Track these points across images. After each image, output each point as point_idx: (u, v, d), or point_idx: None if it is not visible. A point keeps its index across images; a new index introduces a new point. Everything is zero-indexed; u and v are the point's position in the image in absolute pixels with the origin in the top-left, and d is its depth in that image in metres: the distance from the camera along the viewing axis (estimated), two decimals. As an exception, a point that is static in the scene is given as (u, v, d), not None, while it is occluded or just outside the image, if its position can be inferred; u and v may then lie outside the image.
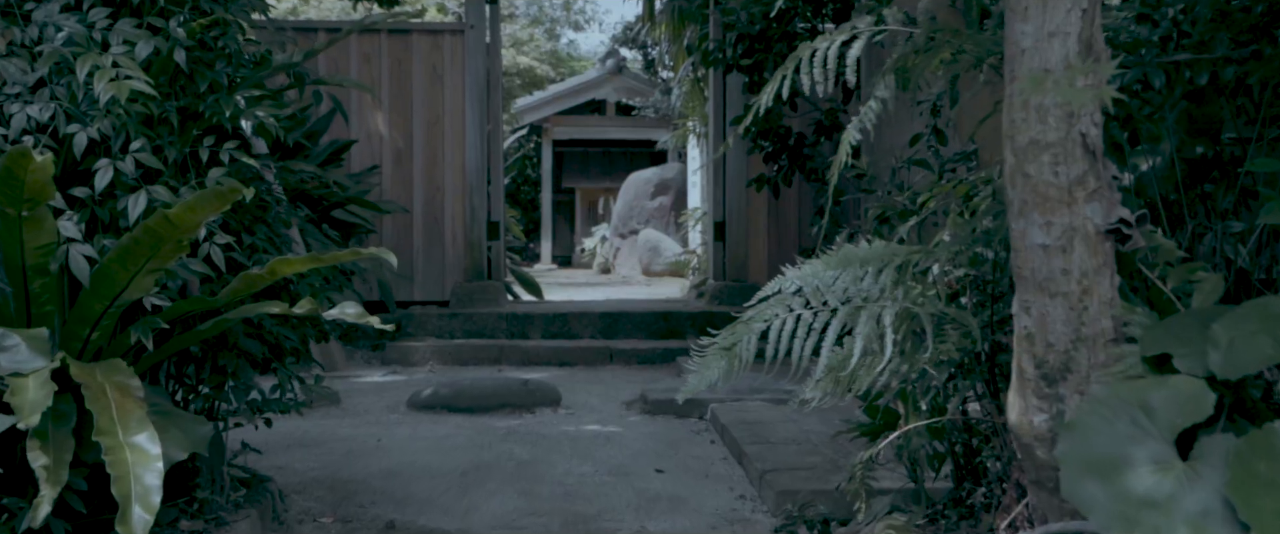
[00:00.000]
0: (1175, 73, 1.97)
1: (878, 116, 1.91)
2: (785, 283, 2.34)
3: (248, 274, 2.36)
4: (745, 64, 6.70)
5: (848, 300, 2.23)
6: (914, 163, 2.80)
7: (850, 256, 2.32)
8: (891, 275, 2.20)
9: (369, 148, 7.57)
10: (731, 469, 3.92)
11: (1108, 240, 1.78)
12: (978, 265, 2.32)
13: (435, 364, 6.69)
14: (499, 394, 5.09)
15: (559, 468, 3.92)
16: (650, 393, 5.16)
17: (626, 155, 19.50)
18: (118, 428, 2.04)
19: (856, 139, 1.90)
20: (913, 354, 2.19)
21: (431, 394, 5.10)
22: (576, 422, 4.87)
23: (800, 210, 7.66)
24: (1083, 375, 1.77)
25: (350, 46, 7.54)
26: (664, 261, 14.22)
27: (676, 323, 7.22)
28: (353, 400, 5.39)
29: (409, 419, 4.93)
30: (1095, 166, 1.77)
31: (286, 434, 4.45)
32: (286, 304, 2.47)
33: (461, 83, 7.59)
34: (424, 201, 7.60)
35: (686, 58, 9.43)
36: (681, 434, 4.60)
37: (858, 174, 3.02)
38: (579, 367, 6.70)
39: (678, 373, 6.23)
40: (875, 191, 2.96)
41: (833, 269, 2.32)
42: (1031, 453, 1.84)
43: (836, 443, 3.90)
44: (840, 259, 2.33)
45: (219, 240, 2.49)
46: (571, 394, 5.54)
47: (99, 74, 2.32)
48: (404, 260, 7.59)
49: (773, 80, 2.25)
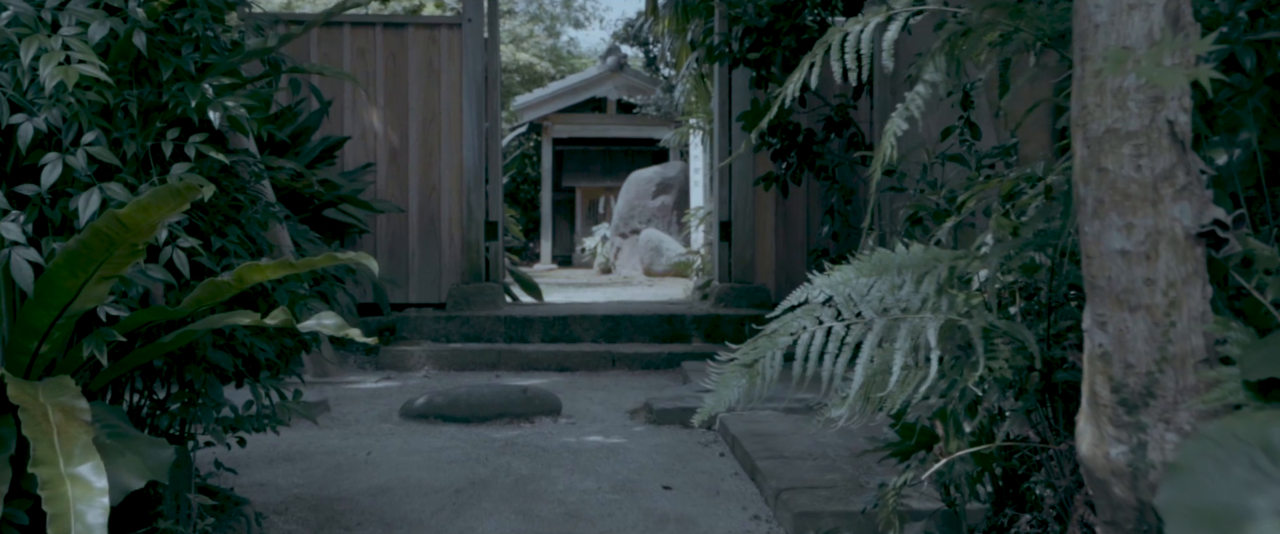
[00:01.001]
0: (1266, 53, 1.72)
1: (926, 102, 1.67)
2: (813, 291, 2.09)
3: (213, 281, 2.11)
4: (752, 58, 6.46)
5: (885, 311, 1.99)
6: (949, 158, 2.55)
7: (886, 262, 2.07)
8: (934, 283, 1.96)
9: (363, 145, 7.33)
10: (743, 486, 3.67)
11: (1199, 245, 1.53)
12: (1029, 273, 2.07)
13: (431, 369, 6.44)
14: (496, 403, 4.85)
15: (560, 484, 3.68)
16: (655, 401, 4.91)
17: (628, 154, 19.26)
18: (58, 457, 1.79)
19: (903, 128, 1.66)
20: (958, 370, 1.95)
21: (426, 403, 4.86)
22: (578, 432, 4.62)
23: (809, 210, 7.41)
24: (1169, 402, 1.53)
25: (344, 41, 7.29)
26: (666, 262, 13.97)
27: (681, 326, 6.97)
28: (343, 408, 5.14)
29: (402, 429, 4.68)
30: (1184, 159, 1.53)
31: (270, 447, 4.21)
32: (258, 314, 2.22)
33: (459, 79, 7.34)
34: (420, 201, 7.35)
35: (690, 53, 9.19)
36: (689, 446, 4.36)
37: (886, 170, 2.77)
38: (580, 372, 6.45)
39: (683, 378, 5.98)
40: (905, 189, 2.72)
41: (866, 276, 2.07)
42: (1106, 490, 1.59)
43: (858, 459, 3.65)
44: (875, 265, 2.08)
45: (183, 243, 2.24)
46: (572, 402, 5.30)
47: (46, 58, 2.07)
48: (399, 262, 7.34)
49: (800, 67, 2.00)
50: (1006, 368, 1.91)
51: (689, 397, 5.02)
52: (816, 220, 7.33)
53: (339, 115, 7.25)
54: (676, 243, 14.29)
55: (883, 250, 2.10)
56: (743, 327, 6.95)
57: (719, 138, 7.61)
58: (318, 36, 7.28)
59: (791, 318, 2.06)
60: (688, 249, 13.57)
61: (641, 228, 15.07)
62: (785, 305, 2.12)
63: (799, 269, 7.42)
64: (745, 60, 6.52)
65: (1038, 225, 2.13)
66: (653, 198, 15.24)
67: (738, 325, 6.94)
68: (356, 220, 6.90)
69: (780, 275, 7.44)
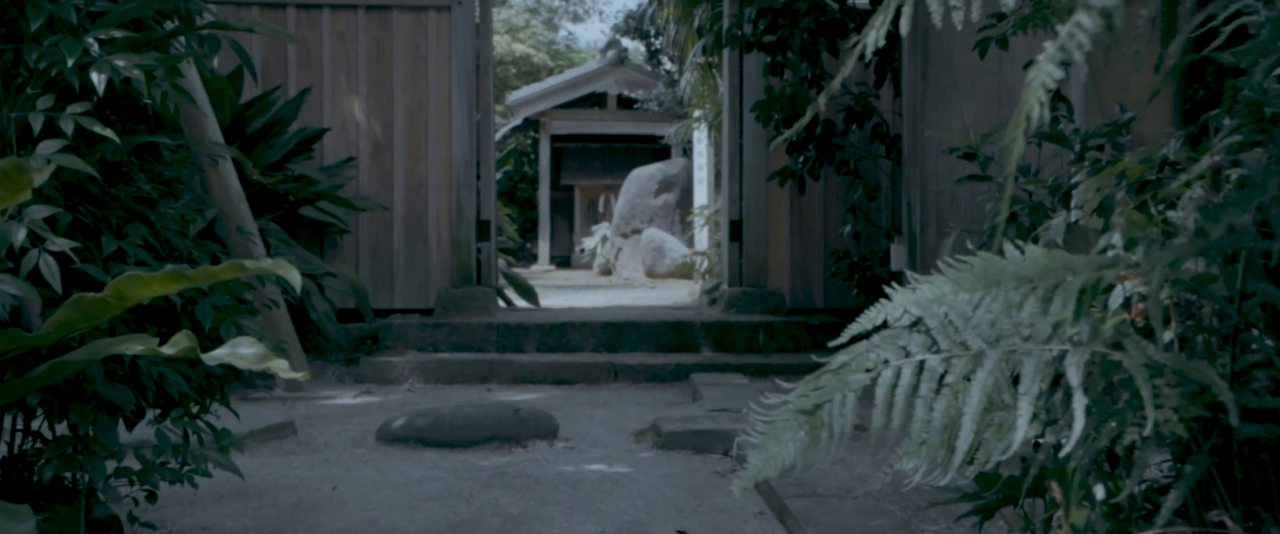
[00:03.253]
0: None
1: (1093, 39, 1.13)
2: (892, 311, 1.54)
3: (80, 299, 1.56)
4: (768, 41, 5.91)
5: (999, 339, 1.44)
6: (1045, 138, 2.00)
7: (995, 272, 1.52)
8: (1067, 302, 1.41)
9: (344, 137, 6.77)
10: (771, 528, 3.12)
11: None
12: (1186, 287, 1.52)
13: (415, 382, 5.89)
14: (485, 424, 4.29)
15: (556, 527, 3.13)
16: (664, 422, 4.36)
17: (628, 151, 18.71)
18: None
19: (1058, 77, 1.12)
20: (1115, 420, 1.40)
21: (405, 425, 4.30)
22: (577, 459, 4.07)
23: (827, 207, 6.85)
24: None
25: (322, 23, 6.73)
26: (669, 263, 13.42)
27: (689, 334, 6.42)
28: (312, 430, 4.58)
29: (376, 456, 4.13)
30: None
31: (221, 480, 3.65)
32: (155, 340, 1.66)
33: (447, 66, 6.79)
34: (405, 198, 6.79)
35: (696, 41, 8.64)
36: (704, 476, 3.81)
37: (966, 153, 2.22)
38: (579, 385, 5.90)
39: (692, 393, 5.43)
40: (990, 178, 2.17)
41: (969, 291, 1.52)
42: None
43: (905, 498, 3.11)
44: (979, 275, 1.53)
45: (52, 246, 1.69)
46: (571, 421, 4.75)
47: None
48: (383, 264, 6.79)
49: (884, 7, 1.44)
50: (1176, 419, 1.37)
51: (701, 417, 4.47)
52: (835, 219, 6.77)
53: (318, 105, 6.69)
54: (680, 243, 13.75)
55: (987, 256, 1.55)
56: (756, 335, 6.40)
57: (729, 130, 7.06)
58: (295, 19, 6.72)
59: (866, 348, 1.52)
60: (692, 250, 13.03)
61: (643, 227, 14.53)
62: (857, 329, 1.57)
63: (816, 272, 6.87)
64: (760, 44, 5.97)
65: (1188, 224, 1.58)
66: (655, 196, 14.70)
67: (751, 334, 6.39)
68: (336, 219, 6.35)
69: (796, 279, 6.88)
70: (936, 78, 5.30)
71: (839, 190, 6.65)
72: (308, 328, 6.08)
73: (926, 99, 5.30)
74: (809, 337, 6.44)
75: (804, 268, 6.87)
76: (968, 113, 5.33)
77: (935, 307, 1.51)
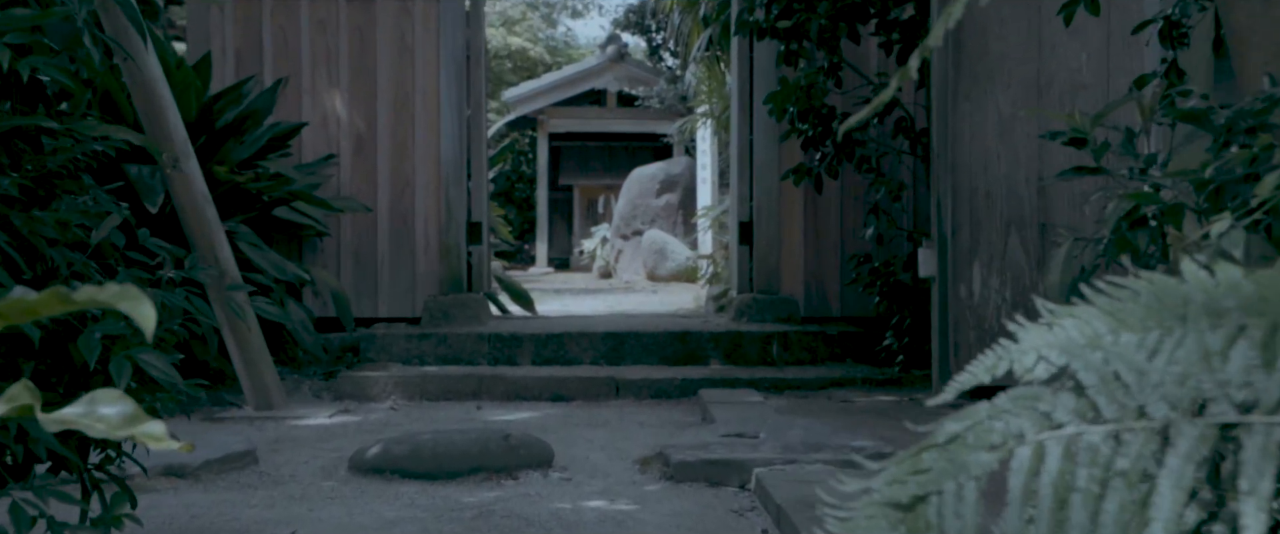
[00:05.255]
0: None
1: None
2: (1024, 357, 1.06)
3: None
4: (783, 27, 5.44)
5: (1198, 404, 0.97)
6: (1180, 117, 1.52)
7: (1176, 302, 1.04)
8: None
9: (324, 133, 6.29)
10: (802, 587, 2.64)
11: None
12: None
13: (398, 399, 5.40)
14: (470, 452, 3.82)
15: (548, 585, 2.65)
16: (672, 449, 3.88)
17: (629, 150, 18.25)
18: None
19: None
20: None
21: (380, 453, 3.82)
22: (574, 494, 3.59)
23: (844, 208, 6.37)
24: None
25: (300, 11, 6.25)
26: (671, 266, 12.95)
27: (696, 345, 5.94)
28: (277, 457, 4.10)
29: (347, 490, 3.65)
30: None
31: (168, 518, 3.18)
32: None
33: (436, 56, 6.31)
34: (390, 198, 6.31)
35: (702, 31, 8.17)
36: (719, 516, 3.33)
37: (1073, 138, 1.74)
38: (577, 402, 5.42)
39: (702, 413, 4.95)
40: (1106, 171, 1.71)
41: (1136, 330, 1.04)
42: None
43: (962, 553, 2.62)
44: (1151, 307, 1.05)
45: None
46: (568, 446, 4.27)
47: None
48: (366, 269, 6.31)
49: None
50: None
51: (714, 444, 3.99)
52: (852, 220, 6.30)
53: (295, 98, 6.21)
54: (682, 245, 13.27)
55: (1159, 279, 1.08)
56: (769, 346, 5.92)
57: (738, 126, 6.58)
58: (271, 8, 6.25)
59: (989, 414, 1.05)
60: (695, 252, 12.55)
61: (644, 229, 14.05)
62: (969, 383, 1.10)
63: (832, 278, 6.39)
64: (774, 31, 5.50)
65: None
66: (656, 196, 14.22)
67: (763, 345, 5.91)
68: (314, 221, 5.88)
69: (810, 285, 6.40)
70: (970, 65, 4.83)
71: (857, 189, 6.18)
72: (283, 338, 5.61)
73: (958, 88, 4.83)
74: (826, 348, 5.97)
75: (819, 273, 6.39)
76: (1004, 103, 4.85)
77: (1089, 353, 1.04)
